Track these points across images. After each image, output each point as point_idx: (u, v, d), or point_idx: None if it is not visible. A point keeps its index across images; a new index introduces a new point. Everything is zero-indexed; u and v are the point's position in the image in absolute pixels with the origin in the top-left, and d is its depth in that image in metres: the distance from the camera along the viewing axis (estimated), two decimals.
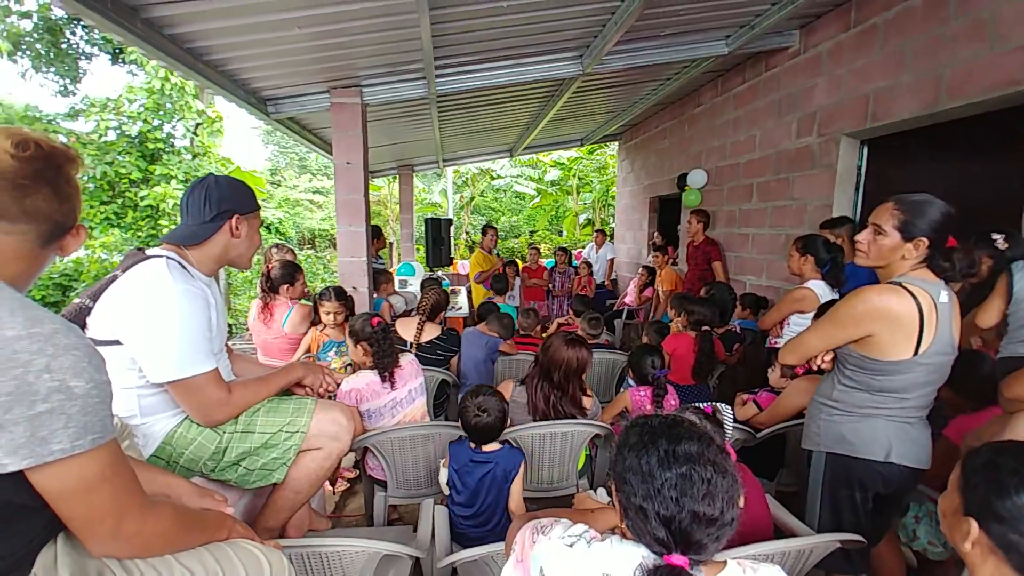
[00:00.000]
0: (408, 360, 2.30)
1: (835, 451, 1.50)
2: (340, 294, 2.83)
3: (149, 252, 1.32)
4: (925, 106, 2.83)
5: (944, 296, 1.37)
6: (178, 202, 7.76)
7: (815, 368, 1.56)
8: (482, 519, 1.79)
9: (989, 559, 0.78)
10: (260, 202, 1.41)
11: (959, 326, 1.41)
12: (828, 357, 1.52)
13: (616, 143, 8.45)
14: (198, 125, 7.75)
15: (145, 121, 7.32)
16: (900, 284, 1.36)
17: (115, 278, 1.26)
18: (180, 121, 7.58)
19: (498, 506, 1.79)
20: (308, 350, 2.83)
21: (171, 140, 7.66)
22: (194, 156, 7.79)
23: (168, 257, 1.30)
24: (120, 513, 0.79)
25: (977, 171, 2.83)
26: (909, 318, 1.32)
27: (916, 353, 1.33)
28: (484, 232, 5.93)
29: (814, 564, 1.45)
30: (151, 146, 7.51)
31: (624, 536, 0.81)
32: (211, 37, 2.60)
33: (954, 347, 1.40)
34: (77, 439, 0.71)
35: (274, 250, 3.37)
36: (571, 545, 0.80)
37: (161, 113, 7.40)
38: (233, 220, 1.38)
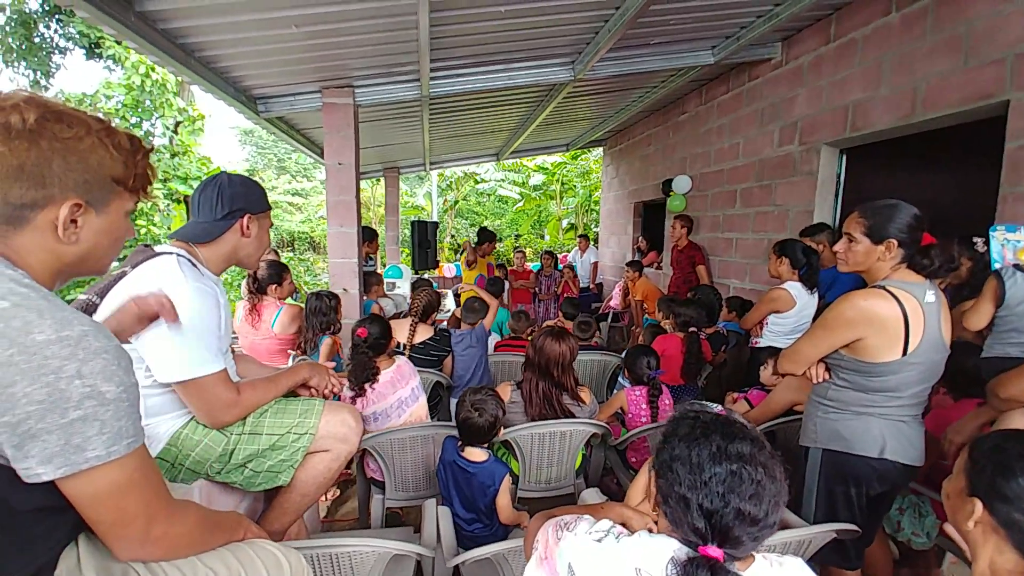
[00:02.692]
0: (404, 360, 2.30)
1: (831, 448, 1.55)
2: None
3: (158, 248, 1.30)
4: (901, 117, 2.97)
5: (931, 296, 1.41)
6: (156, 202, 7.60)
7: (814, 382, 1.61)
8: (474, 520, 1.79)
9: (991, 538, 0.83)
10: None
11: (949, 325, 1.46)
12: (823, 372, 1.57)
13: (600, 149, 8.57)
14: (178, 123, 7.55)
15: (123, 118, 7.09)
16: (884, 288, 1.42)
17: (123, 274, 1.23)
18: (160, 119, 7.38)
19: (487, 511, 1.77)
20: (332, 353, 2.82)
21: (150, 138, 7.46)
22: (173, 155, 7.59)
23: (178, 254, 1.28)
24: (149, 516, 0.78)
25: (949, 180, 2.97)
26: (894, 320, 1.37)
27: (905, 354, 1.38)
28: (482, 242, 5.73)
29: (811, 555, 1.50)
30: None
31: (652, 530, 0.83)
32: (204, 33, 2.56)
33: (946, 346, 1.45)
34: (112, 445, 0.70)
35: None
36: (599, 540, 0.80)
37: (140, 110, 7.19)
38: (244, 219, 1.37)
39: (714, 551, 0.71)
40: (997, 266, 1.96)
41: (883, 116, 3.09)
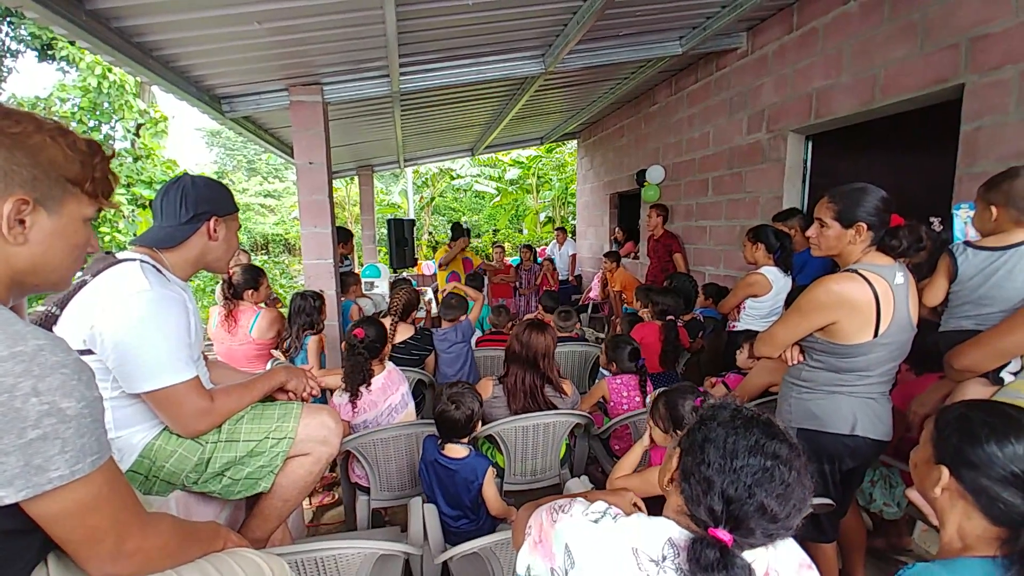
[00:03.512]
0: (392, 366, 2.29)
1: (805, 427, 1.60)
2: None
3: (120, 255, 1.25)
4: (862, 103, 3.06)
5: (900, 278, 1.46)
6: (121, 208, 7.32)
7: (789, 365, 1.66)
8: (460, 516, 1.78)
9: (958, 504, 0.87)
10: None
11: (916, 305, 1.51)
12: (797, 355, 1.62)
13: (575, 141, 8.60)
14: (140, 126, 7.27)
15: (80, 122, 6.78)
16: (856, 271, 1.44)
17: (84, 283, 1.19)
18: (120, 122, 7.09)
19: (472, 506, 1.76)
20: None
21: (110, 142, 7.17)
22: (136, 159, 7.30)
23: (142, 260, 1.23)
24: (120, 532, 0.76)
25: (910, 163, 3.08)
26: (866, 303, 1.41)
27: (876, 335, 1.43)
28: (456, 236, 5.56)
29: None
30: None
31: (650, 513, 0.83)
32: (162, 31, 2.47)
33: (913, 326, 1.50)
34: (76, 463, 0.67)
35: None
36: (596, 521, 0.80)
37: (98, 113, 6.89)
38: (211, 222, 1.33)
39: (724, 535, 0.71)
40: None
41: (845, 102, 3.17)
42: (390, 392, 2.22)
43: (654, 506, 0.91)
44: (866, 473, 1.96)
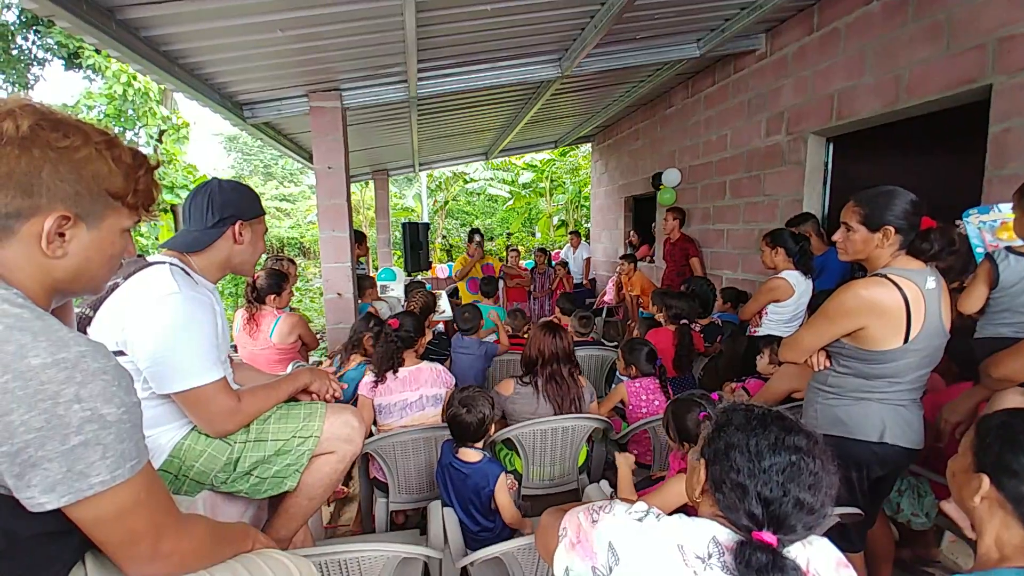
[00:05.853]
0: (430, 368, 2.30)
1: (831, 433, 1.56)
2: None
3: (150, 259, 1.28)
4: (886, 104, 3.01)
5: (931, 282, 1.42)
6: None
7: (815, 370, 1.62)
8: (474, 522, 1.78)
9: (997, 513, 0.85)
10: None
11: (949, 310, 1.47)
12: (824, 360, 1.58)
13: (589, 144, 8.59)
14: (162, 132, 7.44)
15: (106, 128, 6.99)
16: (885, 276, 1.41)
17: (116, 286, 1.21)
18: (143, 128, 7.26)
19: (484, 512, 1.76)
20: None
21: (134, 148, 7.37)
22: (158, 164, 7.48)
23: (171, 263, 1.26)
24: (158, 533, 0.77)
25: (935, 165, 3.01)
26: (896, 309, 1.37)
27: (906, 341, 1.40)
28: (470, 239, 5.61)
29: None
30: None
31: (691, 515, 0.84)
32: (188, 40, 2.52)
33: (945, 331, 1.45)
34: (116, 469, 0.68)
35: (271, 262, 3.27)
36: (640, 520, 0.81)
37: (123, 120, 7.07)
38: (236, 226, 1.35)
39: (768, 537, 0.72)
40: (979, 250, 1.99)
41: (868, 104, 3.12)
42: (409, 388, 2.23)
43: None
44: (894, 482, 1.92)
